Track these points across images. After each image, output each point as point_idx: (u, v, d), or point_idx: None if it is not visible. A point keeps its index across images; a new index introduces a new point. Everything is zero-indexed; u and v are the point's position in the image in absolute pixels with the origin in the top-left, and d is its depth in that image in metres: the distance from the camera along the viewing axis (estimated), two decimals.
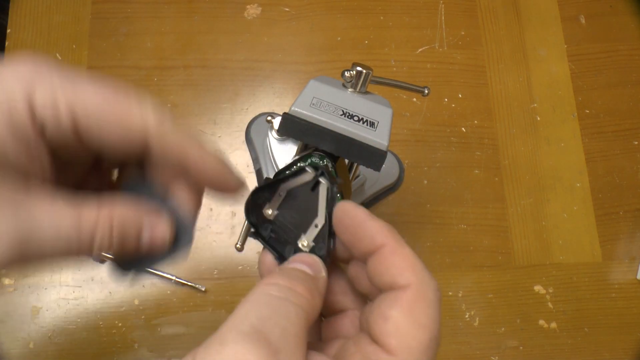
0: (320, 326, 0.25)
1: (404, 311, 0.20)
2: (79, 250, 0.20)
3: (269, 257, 0.25)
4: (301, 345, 0.18)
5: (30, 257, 0.19)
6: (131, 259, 0.23)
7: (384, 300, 0.21)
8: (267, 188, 0.26)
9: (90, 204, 0.20)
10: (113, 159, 0.24)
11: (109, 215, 0.20)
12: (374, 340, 0.20)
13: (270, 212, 0.26)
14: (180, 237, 0.24)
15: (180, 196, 0.24)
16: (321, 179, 0.25)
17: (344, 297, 0.24)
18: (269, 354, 0.16)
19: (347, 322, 0.24)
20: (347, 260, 0.25)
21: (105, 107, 0.19)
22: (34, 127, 0.19)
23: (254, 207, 0.26)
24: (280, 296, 0.19)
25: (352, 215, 0.22)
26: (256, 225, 0.26)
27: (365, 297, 0.23)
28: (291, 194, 0.26)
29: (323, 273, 0.23)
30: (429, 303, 0.20)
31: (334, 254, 0.24)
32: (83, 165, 0.24)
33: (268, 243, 0.25)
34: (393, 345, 0.19)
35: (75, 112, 0.19)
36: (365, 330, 0.21)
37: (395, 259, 0.21)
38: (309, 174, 0.25)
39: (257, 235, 0.25)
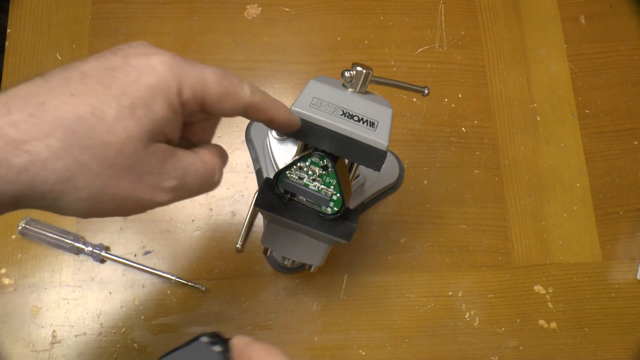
0: None
1: None
2: (210, 177, 0.29)
3: None
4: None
5: (183, 191, 0.28)
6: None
7: None
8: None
9: (204, 147, 0.30)
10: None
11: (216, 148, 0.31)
12: None
13: None
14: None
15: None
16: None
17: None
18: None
19: None
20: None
21: (222, 90, 0.28)
22: (181, 107, 0.27)
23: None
24: None
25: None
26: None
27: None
28: None
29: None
30: None
31: None
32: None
33: None
34: None
35: (204, 94, 0.27)
36: None
37: None
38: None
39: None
